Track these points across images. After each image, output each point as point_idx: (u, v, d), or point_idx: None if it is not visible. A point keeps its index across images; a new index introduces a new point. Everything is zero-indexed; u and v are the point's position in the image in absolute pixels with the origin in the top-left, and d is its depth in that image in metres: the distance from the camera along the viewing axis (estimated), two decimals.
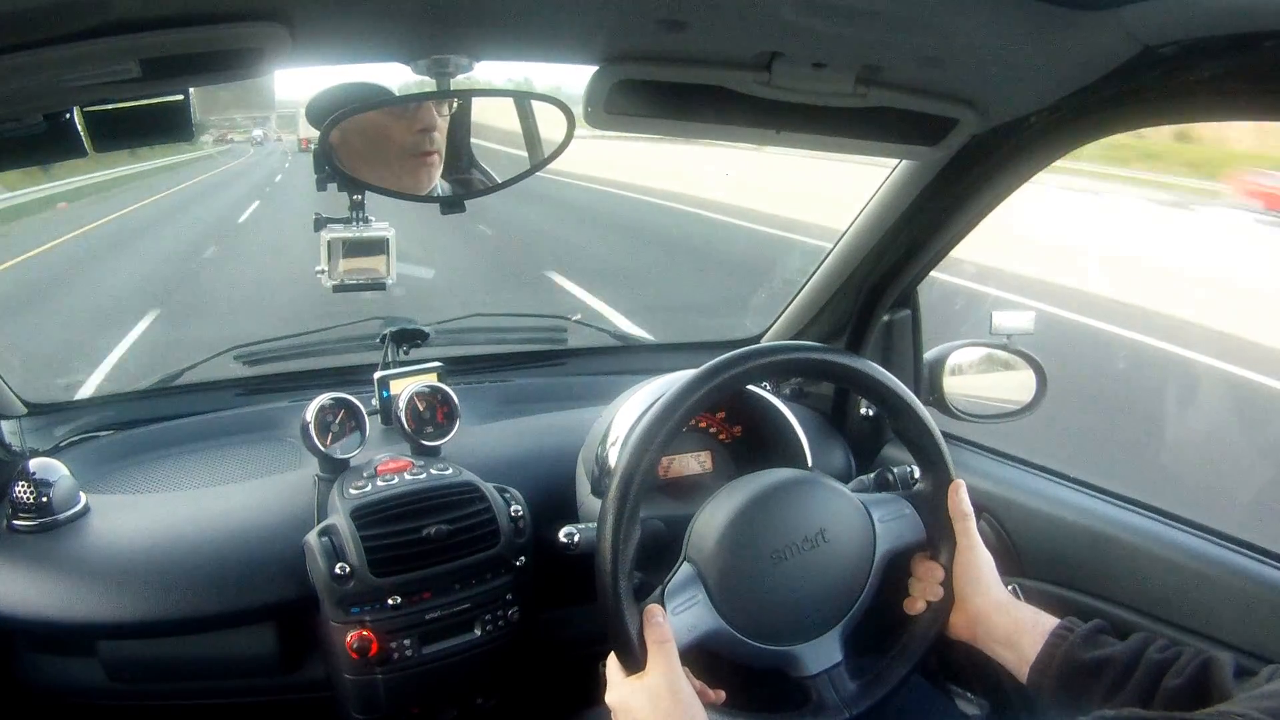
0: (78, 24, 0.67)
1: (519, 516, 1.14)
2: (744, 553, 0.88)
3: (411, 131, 1.08)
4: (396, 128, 1.07)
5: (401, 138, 1.07)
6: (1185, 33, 0.75)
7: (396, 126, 1.07)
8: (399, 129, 1.07)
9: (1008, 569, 1.17)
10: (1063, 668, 0.84)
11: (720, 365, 0.89)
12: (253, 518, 1.14)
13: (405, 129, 1.08)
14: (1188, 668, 0.79)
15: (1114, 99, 0.89)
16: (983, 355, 1.37)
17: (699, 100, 0.92)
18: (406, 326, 1.40)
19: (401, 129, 1.07)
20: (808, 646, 0.90)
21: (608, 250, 9.65)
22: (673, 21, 0.78)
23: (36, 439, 1.32)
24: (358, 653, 1.05)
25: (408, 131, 1.08)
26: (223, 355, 1.48)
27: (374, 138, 1.07)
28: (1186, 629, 1.02)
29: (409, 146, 1.08)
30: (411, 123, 1.07)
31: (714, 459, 1.22)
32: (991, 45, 0.84)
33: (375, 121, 1.07)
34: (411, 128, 1.07)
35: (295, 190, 15.22)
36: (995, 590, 0.92)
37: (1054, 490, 1.23)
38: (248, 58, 0.76)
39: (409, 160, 1.08)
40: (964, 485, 0.94)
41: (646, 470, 0.85)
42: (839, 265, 1.39)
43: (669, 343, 1.79)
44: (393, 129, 1.07)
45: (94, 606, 1.04)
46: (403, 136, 1.07)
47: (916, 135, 1.02)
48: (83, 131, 0.83)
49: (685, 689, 0.81)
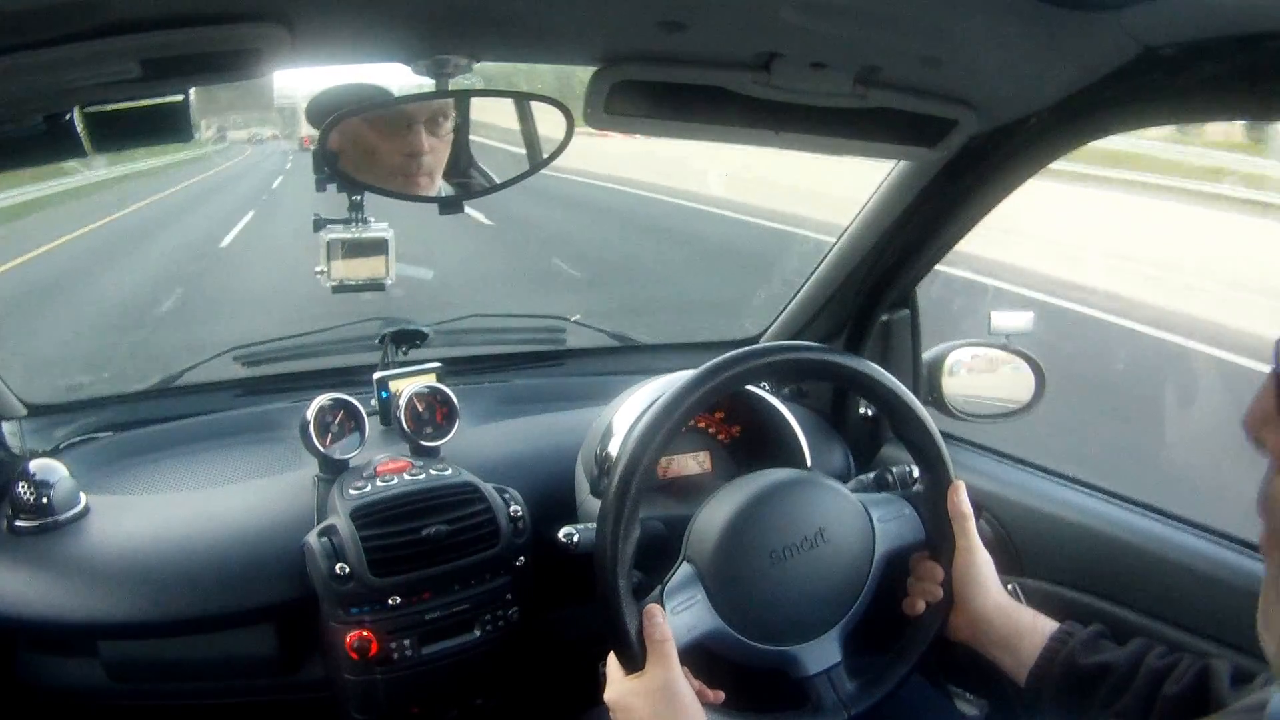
0: (78, 25, 0.67)
1: (518, 517, 1.14)
2: (743, 553, 0.88)
3: (399, 154, 1.06)
4: (384, 148, 1.06)
5: (389, 159, 1.06)
6: (1185, 34, 0.75)
7: (384, 147, 1.06)
8: (386, 150, 1.06)
9: (1007, 568, 1.17)
10: (1062, 673, 0.84)
11: (719, 365, 0.89)
12: (252, 518, 1.14)
13: (393, 150, 1.06)
14: (1186, 675, 0.79)
15: (1114, 100, 0.89)
16: (981, 355, 1.37)
17: (698, 101, 0.92)
18: (405, 327, 1.40)
19: (389, 150, 1.06)
20: (807, 646, 0.90)
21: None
22: (672, 23, 0.78)
23: (36, 440, 1.32)
24: (357, 653, 1.05)
25: (395, 154, 1.06)
26: (222, 356, 1.48)
27: (365, 151, 1.06)
28: (1186, 628, 1.01)
29: (396, 168, 1.06)
30: (400, 145, 1.05)
31: (713, 459, 1.22)
32: (990, 46, 0.84)
33: (364, 138, 1.05)
34: (399, 150, 1.06)
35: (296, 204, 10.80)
36: (994, 592, 0.92)
37: (1053, 489, 1.23)
38: (248, 58, 0.76)
39: (399, 179, 1.06)
40: (964, 486, 0.94)
41: (646, 470, 0.85)
42: (838, 265, 1.39)
43: (668, 343, 1.79)
44: (380, 149, 1.06)
45: (94, 607, 1.04)
46: (390, 158, 1.06)
47: (915, 136, 1.02)
48: (82, 132, 0.83)
49: (684, 688, 0.82)
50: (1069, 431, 2.94)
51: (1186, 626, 1.02)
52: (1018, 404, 1.34)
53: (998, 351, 1.34)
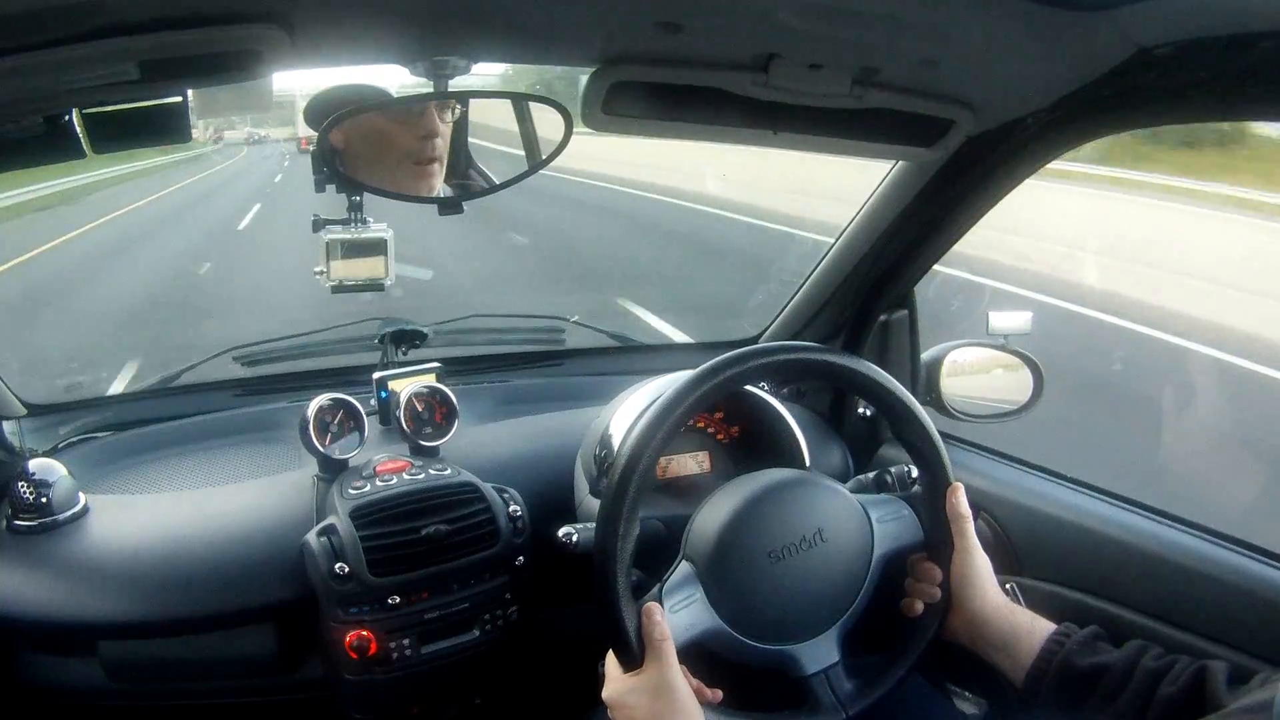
0: (76, 26, 0.67)
1: (518, 516, 1.14)
2: (742, 552, 0.88)
3: (415, 137, 1.07)
4: (399, 133, 1.07)
5: (405, 143, 1.07)
6: (1181, 33, 0.76)
7: (399, 132, 1.07)
8: (402, 134, 1.07)
9: (1005, 568, 1.17)
10: (1058, 675, 0.84)
11: (718, 365, 0.89)
12: (252, 518, 1.14)
13: (409, 134, 1.07)
14: (1182, 676, 0.79)
15: (1110, 100, 0.89)
16: (980, 355, 1.37)
17: (696, 102, 0.92)
18: (405, 327, 1.40)
19: (405, 134, 1.07)
20: (805, 646, 0.91)
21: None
22: (669, 24, 0.78)
23: (36, 439, 1.32)
24: (357, 652, 1.05)
25: (411, 137, 1.07)
26: (221, 356, 1.48)
27: (376, 142, 1.06)
28: (1184, 628, 1.01)
29: (411, 153, 1.07)
30: (415, 128, 1.07)
31: (712, 459, 1.22)
32: (987, 47, 0.84)
33: (378, 126, 1.06)
34: (415, 133, 1.07)
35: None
36: (992, 594, 0.92)
37: (1052, 489, 1.23)
38: (247, 60, 0.76)
39: (411, 166, 1.08)
40: (962, 488, 0.94)
41: (645, 470, 0.85)
42: (836, 265, 1.39)
43: (667, 343, 1.79)
44: (396, 134, 1.07)
45: (94, 607, 1.04)
46: (406, 142, 1.07)
47: (913, 136, 1.02)
48: (81, 133, 0.83)
49: (682, 686, 0.82)
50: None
51: (1184, 626, 1.02)
52: (1016, 404, 1.34)
53: (996, 352, 1.34)
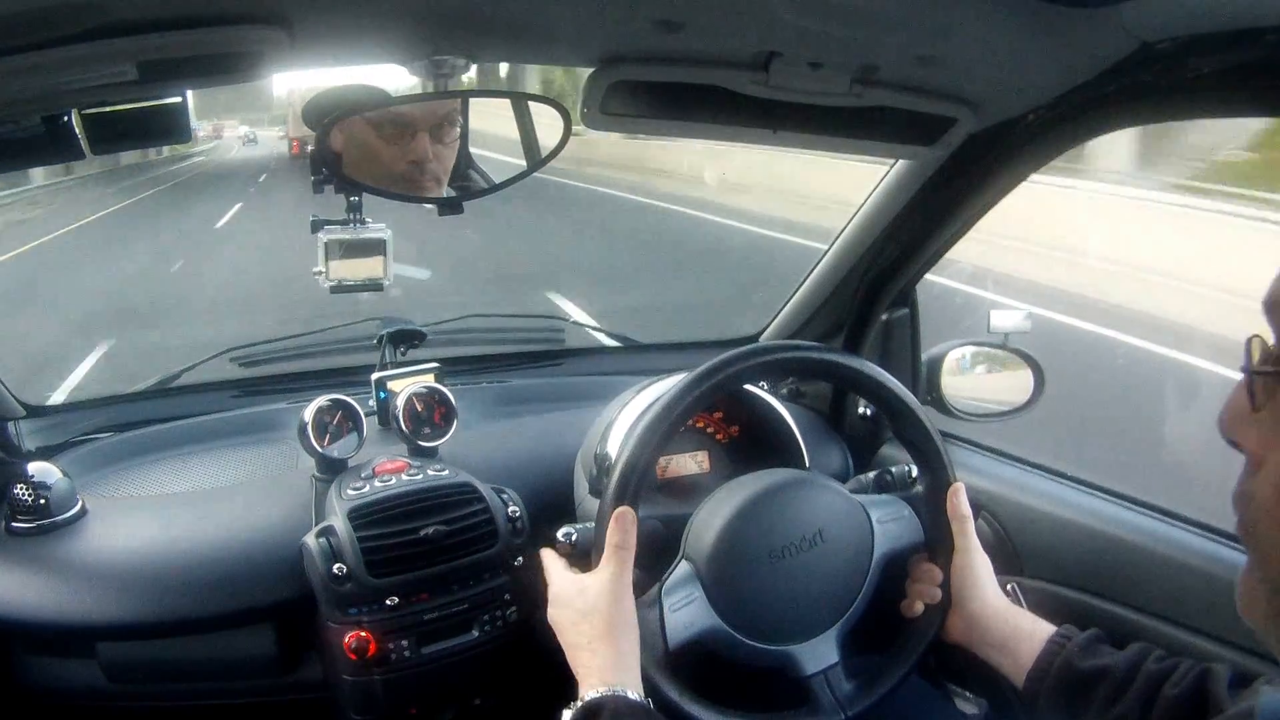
0: (76, 27, 0.67)
1: (516, 517, 1.14)
2: (741, 552, 0.88)
3: (404, 161, 1.05)
4: (388, 154, 1.05)
5: (394, 166, 1.05)
6: (1183, 28, 0.75)
7: (388, 153, 1.05)
8: (390, 155, 1.05)
9: (1006, 567, 1.17)
10: (1059, 676, 0.84)
11: (718, 365, 0.89)
12: (250, 519, 1.13)
13: (397, 158, 1.05)
14: (1186, 678, 0.79)
15: (1112, 96, 0.89)
16: (980, 354, 1.37)
17: (696, 100, 0.92)
18: (404, 327, 1.40)
19: (393, 156, 1.05)
20: (805, 646, 0.90)
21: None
22: (669, 22, 0.78)
23: (34, 441, 1.32)
24: (356, 653, 1.05)
25: (400, 161, 1.05)
26: (219, 357, 1.48)
27: (367, 156, 1.05)
28: (1186, 627, 1.01)
29: (401, 175, 1.05)
30: (405, 152, 1.04)
31: (711, 459, 1.22)
32: (988, 44, 0.84)
33: (367, 143, 1.04)
34: (404, 157, 1.04)
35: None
36: (992, 595, 0.92)
37: (1053, 489, 1.23)
38: (246, 60, 0.76)
39: (400, 183, 1.05)
40: (963, 487, 0.94)
41: (644, 470, 0.85)
42: (837, 264, 1.39)
43: (666, 343, 1.79)
44: (384, 155, 1.05)
45: (92, 608, 1.04)
46: (395, 165, 1.05)
47: (914, 134, 1.02)
48: (80, 134, 0.83)
49: (628, 599, 0.81)
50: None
51: (1187, 626, 1.01)
52: (1017, 403, 1.34)
53: (996, 351, 1.34)
